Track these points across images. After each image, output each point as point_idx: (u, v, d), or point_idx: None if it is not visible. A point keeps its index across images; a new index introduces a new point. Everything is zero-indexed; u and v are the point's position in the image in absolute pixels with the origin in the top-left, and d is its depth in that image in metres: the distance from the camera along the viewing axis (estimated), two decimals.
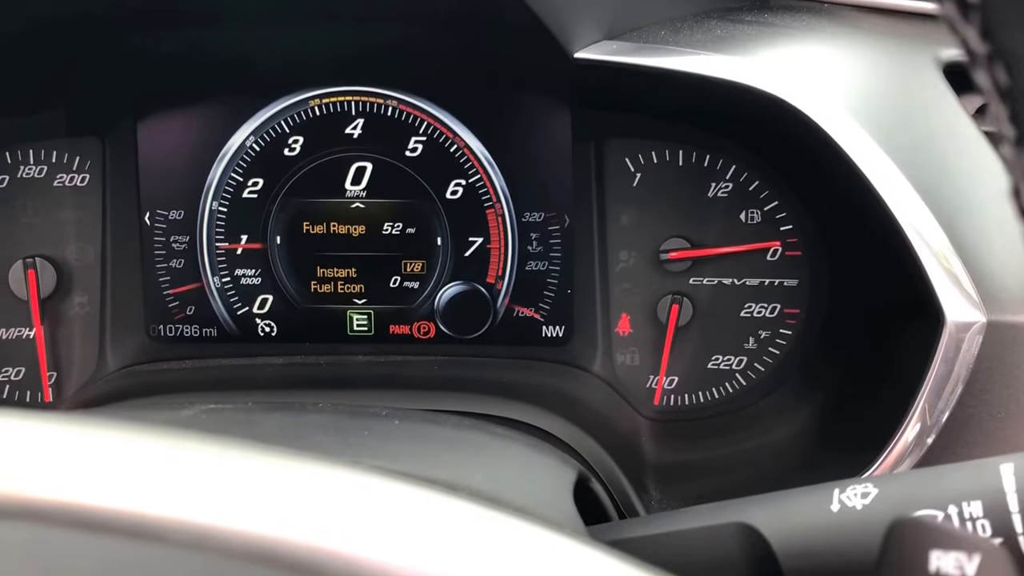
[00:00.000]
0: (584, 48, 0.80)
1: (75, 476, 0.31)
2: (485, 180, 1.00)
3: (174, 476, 0.32)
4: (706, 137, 0.98)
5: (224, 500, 0.31)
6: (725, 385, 1.02)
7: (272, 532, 0.30)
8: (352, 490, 0.33)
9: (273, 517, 0.31)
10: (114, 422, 0.35)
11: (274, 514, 0.31)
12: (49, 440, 0.33)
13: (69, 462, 0.31)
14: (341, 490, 0.33)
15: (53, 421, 0.34)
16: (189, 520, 0.30)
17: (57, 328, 1.02)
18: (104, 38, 0.90)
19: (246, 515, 0.31)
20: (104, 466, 0.31)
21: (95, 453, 0.32)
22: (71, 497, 0.30)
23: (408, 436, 0.66)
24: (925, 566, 0.39)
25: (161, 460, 0.32)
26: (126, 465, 0.32)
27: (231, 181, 1.00)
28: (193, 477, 0.32)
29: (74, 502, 0.30)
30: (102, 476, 0.31)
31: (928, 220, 0.75)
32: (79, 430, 0.33)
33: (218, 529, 0.30)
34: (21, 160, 1.01)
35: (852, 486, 0.51)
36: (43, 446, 0.32)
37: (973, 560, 0.39)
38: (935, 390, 0.76)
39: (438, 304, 1.02)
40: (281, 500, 0.32)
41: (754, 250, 0.99)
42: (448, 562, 0.31)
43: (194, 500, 0.31)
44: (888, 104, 0.80)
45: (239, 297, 1.02)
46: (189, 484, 0.31)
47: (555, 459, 0.71)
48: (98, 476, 0.31)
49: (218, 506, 0.31)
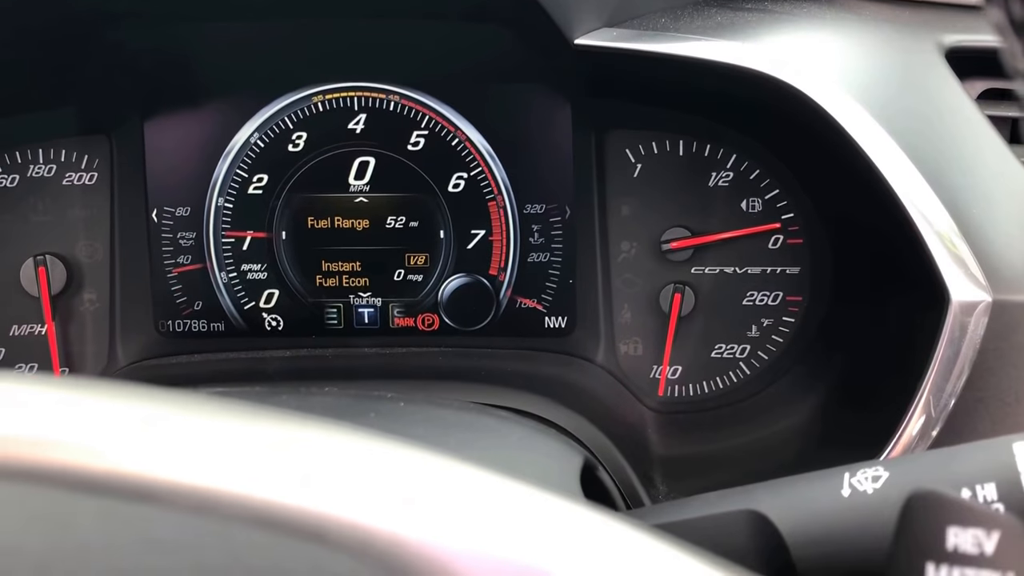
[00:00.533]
0: (584, 35, 0.80)
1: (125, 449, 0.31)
2: (486, 173, 1.01)
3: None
4: (706, 126, 0.98)
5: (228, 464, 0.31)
6: (729, 374, 1.02)
7: (310, 504, 0.30)
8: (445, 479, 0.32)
9: (307, 489, 0.30)
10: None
11: (310, 486, 0.30)
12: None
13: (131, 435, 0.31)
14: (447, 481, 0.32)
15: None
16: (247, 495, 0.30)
17: (68, 324, 1.03)
18: (111, 35, 0.91)
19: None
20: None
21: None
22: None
23: (413, 418, 0.66)
24: (942, 544, 0.38)
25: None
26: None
27: (236, 177, 1.02)
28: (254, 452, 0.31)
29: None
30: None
31: (931, 200, 0.75)
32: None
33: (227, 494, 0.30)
34: (31, 159, 1.02)
35: (863, 469, 0.50)
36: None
37: (992, 537, 0.37)
38: (942, 373, 0.75)
39: (442, 296, 1.02)
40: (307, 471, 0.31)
41: (755, 238, 0.99)
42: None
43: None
44: (891, 87, 0.80)
45: (246, 292, 1.03)
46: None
47: (561, 444, 0.71)
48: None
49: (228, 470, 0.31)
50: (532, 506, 0.32)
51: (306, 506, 0.30)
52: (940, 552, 0.38)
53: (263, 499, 0.30)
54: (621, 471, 0.81)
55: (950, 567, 0.38)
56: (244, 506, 0.30)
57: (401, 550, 0.30)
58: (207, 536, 0.30)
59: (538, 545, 0.31)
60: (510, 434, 0.69)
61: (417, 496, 0.31)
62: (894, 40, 0.86)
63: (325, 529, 0.30)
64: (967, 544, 0.38)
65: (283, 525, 0.30)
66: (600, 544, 0.32)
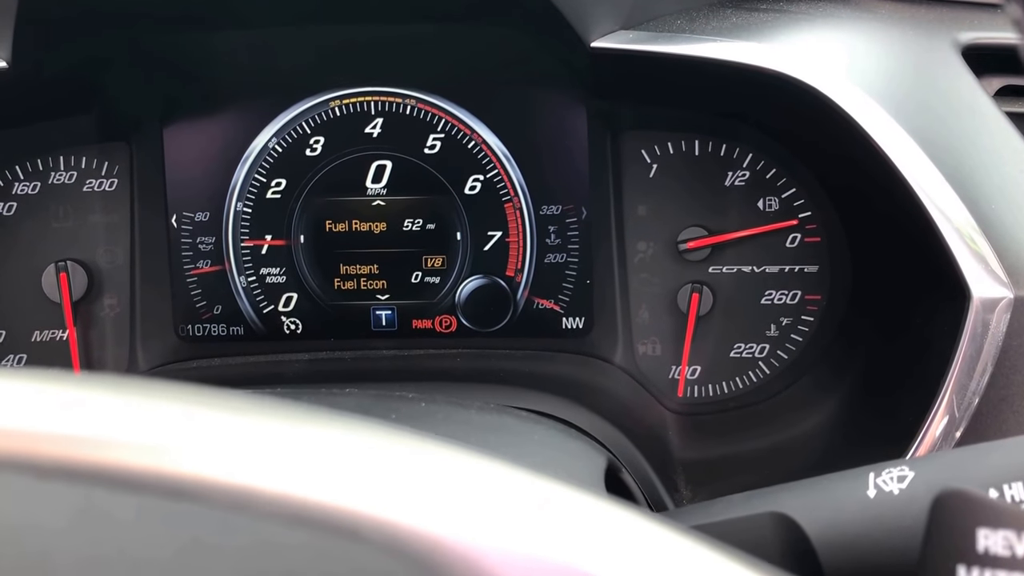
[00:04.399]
0: (601, 38, 0.81)
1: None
2: (503, 175, 1.01)
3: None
4: (722, 126, 0.98)
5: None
6: (748, 374, 1.01)
7: (349, 503, 0.30)
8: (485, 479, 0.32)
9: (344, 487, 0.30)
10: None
11: (347, 484, 0.30)
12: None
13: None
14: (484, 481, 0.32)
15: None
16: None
17: (89, 330, 1.04)
18: (132, 38, 0.92)
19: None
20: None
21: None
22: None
23: (434, 418, 0.66)
24: (973, 546, 0.37)
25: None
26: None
27: (255, 182, 1.02)
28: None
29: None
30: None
31: (951, 197, 0.74)
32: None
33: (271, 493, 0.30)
34: (52, 167, 1.03)
35: (888, 469, 0.49)
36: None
37: (1023, 538, 0.37)
38: (965, 371, 0.74)
39: (459, 298, 1.03)
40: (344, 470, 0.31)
41: (773, 236, 0.99)
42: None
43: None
44: (907, 85, 0.80)
45: (265, 296, 1.04)
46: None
47: (583, 445, 0.71)
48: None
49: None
50: (572, 505, 0.32)
51: (341, 504, 0.30)
52: (971, 554, 0.37)
53: (299, 497, 0.30)
54: (642, 472, 0.81)
55: (981, 569, 0.37)
56: (281, 504, 0.30)
57: (438, 549, 0.30)
58: (245, 534, 0.30)
59: (578, 545, 0.31)
60: (532, 434, 0.69)
61: (454, 494, 0.31)
62: (910, 38, 0.86)
63: (360, 528, 0.30)
64: (998, 546, 0.37)
65: (319, 523, 0.30)
66: (638, 544, 0.32)
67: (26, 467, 0.30)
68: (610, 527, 0.32)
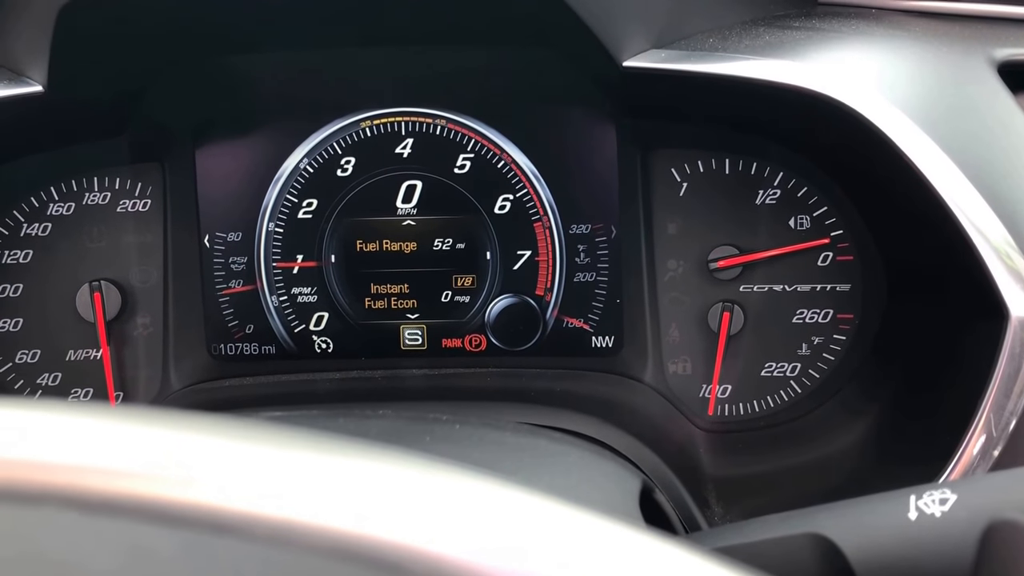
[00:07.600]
0: (633, 57, 0.81)
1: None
2: (532, 194, 1.01)
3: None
4: (753, 144, 0.98)
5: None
6: (779, 393, 1.01)
7: (361, 530, 0.30)
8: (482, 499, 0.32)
9: (362, 515, 0.30)
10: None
11: (363, 512, 0.31)
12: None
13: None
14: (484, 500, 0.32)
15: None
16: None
17: (123, 349, 1.05)
18: (168, 61, 0.93)
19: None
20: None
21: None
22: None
23: (468, 441, 0.66)
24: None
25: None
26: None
27: (286, 202, 1.03)
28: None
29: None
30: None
31: (988, 216, 0.74)
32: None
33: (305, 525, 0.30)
34: (86, 187, 1.05)
35: (929, 492, 0.49)
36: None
37: None
38: (1003, 391, 0.73)
39: (489, 317, 1.03)
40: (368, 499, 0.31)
41: (804, 255, 0.98)
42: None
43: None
44: (942, 102, 0.80)
45: (296, 315, 1.05)
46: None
47: (618, 466, 0.70)
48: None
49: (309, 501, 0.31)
50: (608, 538, 0.32)
51: (384, 537, 0.30)
52: None
53: (338, 530, 0.31)
54: (675, 492, 0.81)
55: None
56: (325, 538, 0.30)
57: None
58: (285, 569, 0.30)
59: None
60: (567, 456, 0.69)
61: (490, 527, 0.31)
62: (945, 55, 0.85)
63: (403, 562, 0.30)
64: None
65: (357, 557, 0.30)
66: (667, 574, 0.32)
67: (71, 502, 0.30)
68: (644, 558, 0.32)
